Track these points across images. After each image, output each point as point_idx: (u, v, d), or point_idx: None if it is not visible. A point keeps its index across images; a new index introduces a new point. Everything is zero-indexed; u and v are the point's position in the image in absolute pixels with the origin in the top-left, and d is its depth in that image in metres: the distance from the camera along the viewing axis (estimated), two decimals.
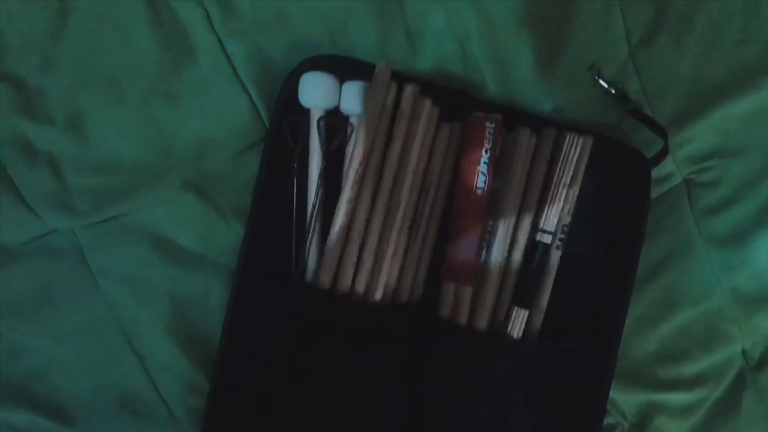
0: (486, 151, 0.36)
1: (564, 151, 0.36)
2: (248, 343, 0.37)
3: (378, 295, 0.37)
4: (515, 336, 0.36)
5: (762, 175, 0.42)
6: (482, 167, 0.36)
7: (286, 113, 0.37)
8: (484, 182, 0.36)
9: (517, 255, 0.37)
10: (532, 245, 0.37)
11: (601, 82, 0.41)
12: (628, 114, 0.41)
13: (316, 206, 0.37)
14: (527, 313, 0.36)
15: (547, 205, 0.36)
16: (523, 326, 0.36)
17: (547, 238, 0.36)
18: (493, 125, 0.36)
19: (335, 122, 0.37)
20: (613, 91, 0.41)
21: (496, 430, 0.37)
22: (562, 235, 0.37)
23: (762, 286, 0.42)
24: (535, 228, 0.37)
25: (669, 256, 0.42)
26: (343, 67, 0.37)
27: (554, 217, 0.36)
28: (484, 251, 0.37)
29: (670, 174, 0.42)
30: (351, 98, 0.37)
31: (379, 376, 0.36)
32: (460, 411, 0.37)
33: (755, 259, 0.42)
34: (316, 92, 0.37)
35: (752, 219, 0.42)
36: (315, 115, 0.38)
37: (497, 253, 0.37)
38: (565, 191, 0.36)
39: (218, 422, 0.38)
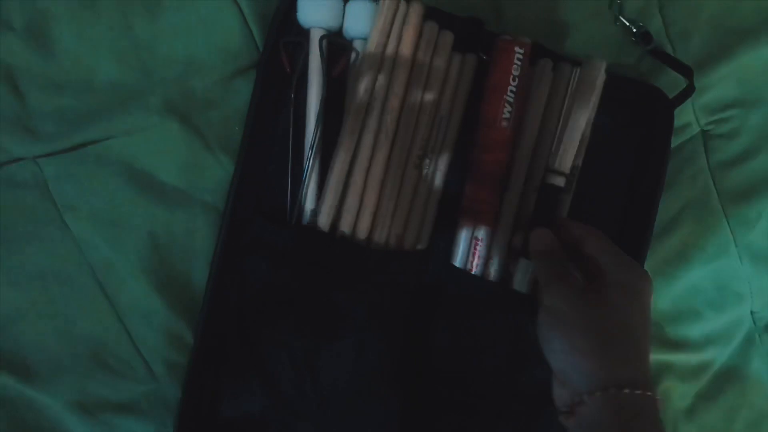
0: (514, 79, 0.32)
1: (572, 74, 0.34)
2: (238, 290, 0.34)
3: (381, 239, 0.34)
4: (521, 290, 0.34)
5: None
6: (509, 96, 0.32)
7: (283, 33, 0.34)
8: (510, 113, 0.33)
9: (531, 199, 0.34)
10: (544, 189, 0.34)
11: (622, 19, 0.39)
12: (649, 54, 0.39)
13: (315, 140, 0.33)
14: (532, 265, 0.33)
15: (561, 144, 0.33)
16: (528, 278, 0.34)
17: (560, 181, 0.33)
18: (523, 50, 0.33)
19: (339, 43, 0.34)
20: (635, 29, 0.38)
21: (504, 385, 0.34)
22: (572, 178, 0.34)
23: None
24: (546, 169, 0.34)
25: (684, 211, 0.40)
26: None
27: (569, 157, 0.33)
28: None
29: (688, 124, 0.40)
30: (356, 19, 0.34)
31: (380, 325, 0.34)
32: (469, 364, 0.34)
33: None
34: (318, 10, 0.33)
35: None
36: (315, 36, 0.34)
37: (512, 195, 0.34)
38: (580, 128, 0.33)
39: (203, 379, 0.34)
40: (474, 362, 0.34)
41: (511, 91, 0.33)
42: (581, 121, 0.33)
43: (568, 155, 0.33)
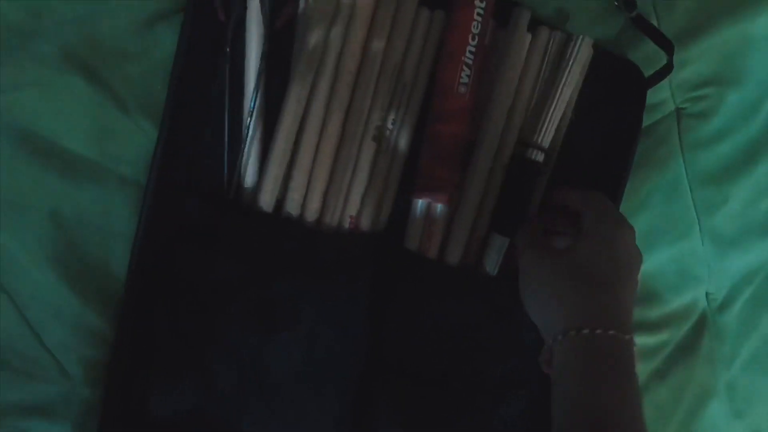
0: (473, 38, 0.28)
1: (569, 52, 0.30)
2: (166, 280, 0.30)
3: (333, 221, 0.30)
4: (491, 270, 0.32)
5: (756, 108, 0.40)
6: (467, 57, 0.29)
7: None
8: (469, 77, 0.29)
9: (500, 174, 0.31)
10: (520, 164, 0.31)
11: None
12: (631, 22, 0.36)
13: (255, 103, 0.29)
14: (507, 242, 0.31)
15: (544, 117, 0.30)
16: (501, 257, 0.32)
17: (540, 156, 0.30)
18: (484, 4, 0.28)
19: None
20: None
21: (466, 377, 0.33)
22: (552, 153, 0.32)
23: (739, 227, 0.41)
24: (523, 143, 0.31)
25: (653, 193, 0.39)
26: None
27: (551, 131, 0.30)
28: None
29: (663, 101, 0.38)
30: None
31: (334, 317, 0.31)
32: (427, 356, 0.32)
33: (737, 197, 0.40)
34: None
35: (741, 154, 0.40)
36: None
37: (480, 170, 0.31)
38: (564, 101, 0.30)
39: (127, 377, 0.31)
40: (430, 350, 0.32)
41: (470, 52, 0.29)
42: (568, 96, 0.30)
43: (551, 131, 0.30)
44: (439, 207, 0.31)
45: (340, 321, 0.31)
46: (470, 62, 0.29)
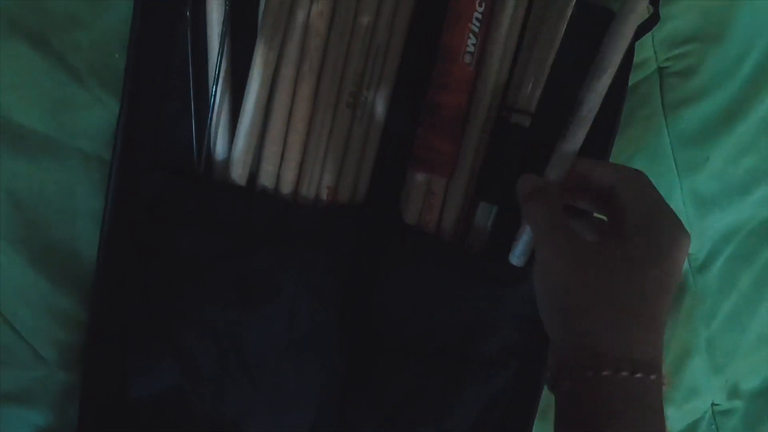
0: (480, 4, 0.27)
1: (555, 7, 0.29)
2: (137, 259, 0.29)
3: (310, 193, 0.29)
4: (480, 242, 0.31)
5: (737, 65, 0.39)
6: (474, 26, 0.27)
7: None
8: (475, 45, 0.27)
9: (484, 140, 0.30)
10: (505, 129, 0.30)
11: None
12: None
13: (219, 69, 0.27)
14: (496, 209, 0.30)
15: (529, 79, 0.29)
16: (490, 222, 0.31)
17: (525, 120, 0.29)
18: None
19: None
20: None
21: (460, 352, 0.32)
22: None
23: (720, 186, 0.41)
24: (509, 108, 0.30)
25: (635, 156, 0.38)
26: None
27: (536, 94, 0.29)
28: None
29: (646, 60, 0.37)
30: None
31: (316, 290, 0.30)
32: (423, 331, 0.32)
33: (718, 156, 0.40)
34: None
35: (722, 112, 0.39)
36: None
37: (472, 140, 0.30)
38: (550, 60, 0.29)
39: (105, 359, 0.30)
40: (425, 326, 0.32)
41: (477, 18, 0.27)
42: (551, 54, 0.29)
43: (536, 92, 0.29)
44: (440, 181, 0.30)
45: (321, 294, 0.30)
46: (476, 30, 0.27)
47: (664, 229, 0.23)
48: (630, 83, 0.36)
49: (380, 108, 0.30)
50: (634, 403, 0.21)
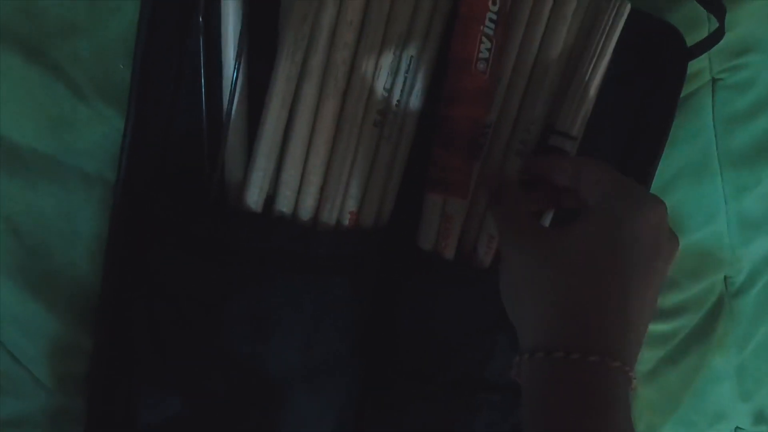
0: (494, 3, 0.24)
1: (604, 19, 0.26)
2: (144, 288, 0.27)
3: (331, 219, 0.27)
4: None
5: None
6: (487, 27, 0.24)
7: None
8: (489, 50, 0.24)
9: (513, 164, 0.28)
10: (540, 150, 0.27)
11: None
12: None
13: (235, 84, 0.24)
14: None
15: (574, 100, 0.26)
16: None
17: (569, 146, 0.27)
18: None
19: None
20: None
21: (475, 377, 0.31)
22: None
23: (766, 209, 0.38)
24: (550, 129, 0.27)
25: (681, 173, 0.36)
26: None
27: (580, 115, 0.26)
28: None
29: (699, 71, 0.35)
30: None
31: (335, 320, 0.28)
32: (440, 358, 0.30)
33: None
34: None
35: None
36: None
37: (494, 160, 0.27)
38: (599, 79, 0.26)
39: (111, 387, 0.28)
40: (444, 352, 0.30)
41: (491, 20, 0.24)
42: (600, 72, 0.26)
43: (581, 115, 0.26)
44: (455, 203, 0.27)
45: (338, 321, 0.28)
46: (491, 33, 0.24)
47: (629, 199, 0.22)
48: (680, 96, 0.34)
49: (410, 125, 0.27)
50: (590, 387, 0.20)
